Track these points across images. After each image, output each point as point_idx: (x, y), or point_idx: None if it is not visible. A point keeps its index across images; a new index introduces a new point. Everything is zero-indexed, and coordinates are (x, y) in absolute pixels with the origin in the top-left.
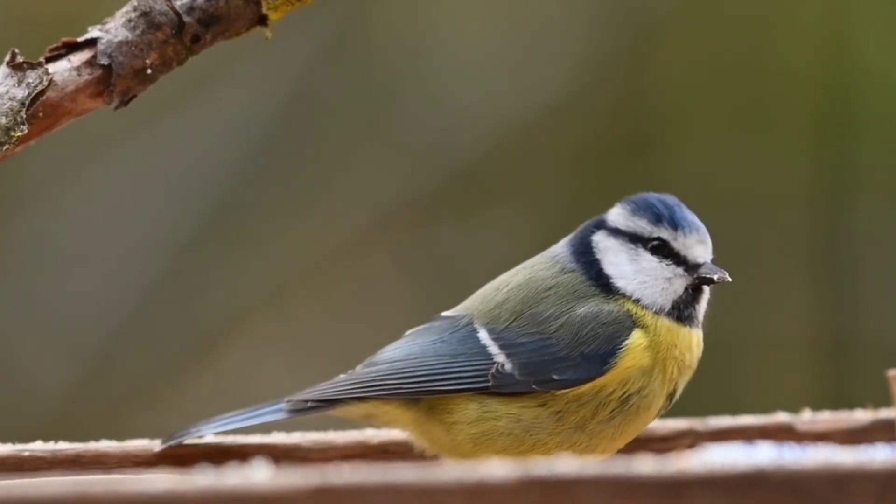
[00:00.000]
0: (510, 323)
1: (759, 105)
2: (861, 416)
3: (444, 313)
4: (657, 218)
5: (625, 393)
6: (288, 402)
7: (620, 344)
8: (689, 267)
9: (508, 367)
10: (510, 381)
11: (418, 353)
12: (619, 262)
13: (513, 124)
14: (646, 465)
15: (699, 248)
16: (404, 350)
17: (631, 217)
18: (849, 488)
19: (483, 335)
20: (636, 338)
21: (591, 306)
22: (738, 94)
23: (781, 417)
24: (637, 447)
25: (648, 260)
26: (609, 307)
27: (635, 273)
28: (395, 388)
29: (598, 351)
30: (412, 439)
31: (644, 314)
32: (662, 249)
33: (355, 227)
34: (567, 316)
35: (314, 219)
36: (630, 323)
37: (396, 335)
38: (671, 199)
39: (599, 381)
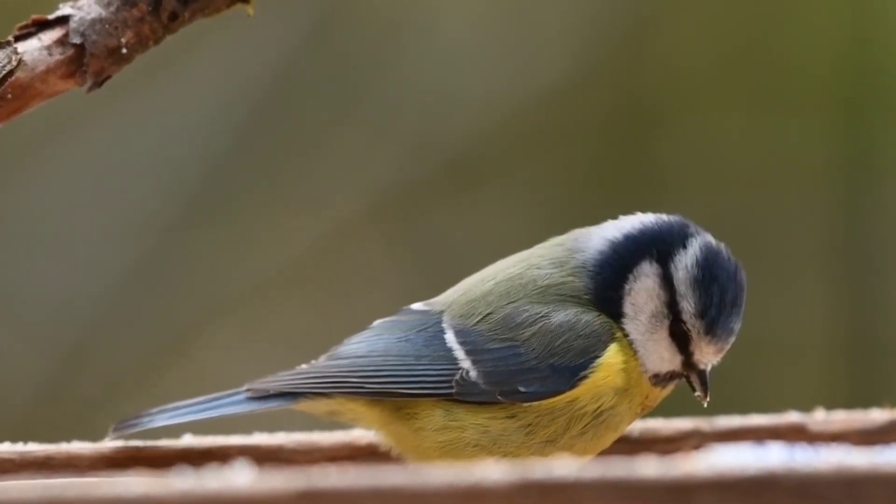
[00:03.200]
0: (481, 321)
1: (772, 81)
2: (877, 415)
3: (415, 306)
4: (705, 307)
5: (598, 408)
6: (248, 390)
7: (594, 359)
8: (689, 364)
9: (473, 374)
10: (475, 389)
11: (382, 350)
12: (642, 310)
13: (508, 105)
14: (649, 467)
15: (711, 356)
16: (368, 346)
17: (688, 282)
18: (864, 492)
19: (450, 337)
20: (611, 354)
21: (569, 314)
22: (749, 70)
23: (793, 417)
24: (640, 448)
25: (663, 334)
26: (587, 317)
27: (646, 332)
28: (356, 387)
29: (570, 364)
30: (378, 439)
31: (623, 342)
32: (681, 335)
33: (344, 213)
34: (541, 324)
35: (300, 204)
36: (607, 337)
37: None
38: (735, 275)
39: (572, 393)
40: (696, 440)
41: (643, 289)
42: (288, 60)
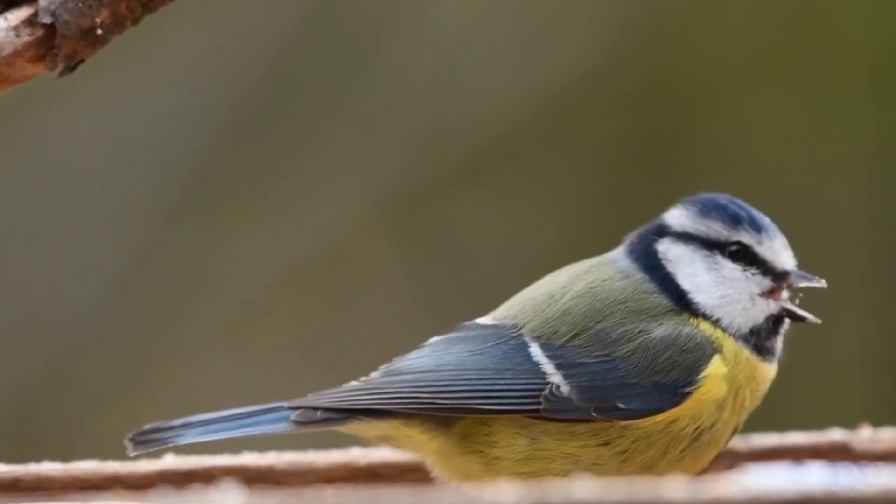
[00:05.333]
0: (569, 339)
1: (812, 62)
2: None
3: (480, 320)
4: (735, 219)
5: (698, 427)
6: (291, 408)
7: (699, 373)
8: (777, 275)
9: (565, 389)
10: (566, 405)
11: (454, 364)
12: (696, 272)
13: (528, 95)
14: (677, 489)
15: (786, 253)
16: (435, 360)
17: (701, 219)
18: None
19: (535, 350)
20: (715, 366)
21: (668, 328)
22: (788, 52)
23: (836, 435)
24: None
25: (730, 269)
26: (687, 330)
27: (716, 285)
28: (426, 403)
29: (674, 380)
30: (436, 471)
31: (723, 338)
32: (745, 256)
33: (347, 213)
34: (641, 339)
35: (299, 205)
36: (711, 349)
37: (401, 332)
38: (737, 200)
39: (672, 412)
40: (730, 460)
41: (681, 257)
42: (283, 48)
